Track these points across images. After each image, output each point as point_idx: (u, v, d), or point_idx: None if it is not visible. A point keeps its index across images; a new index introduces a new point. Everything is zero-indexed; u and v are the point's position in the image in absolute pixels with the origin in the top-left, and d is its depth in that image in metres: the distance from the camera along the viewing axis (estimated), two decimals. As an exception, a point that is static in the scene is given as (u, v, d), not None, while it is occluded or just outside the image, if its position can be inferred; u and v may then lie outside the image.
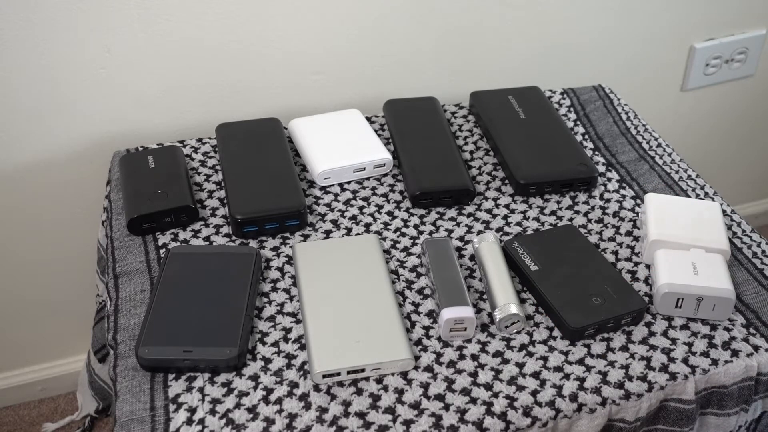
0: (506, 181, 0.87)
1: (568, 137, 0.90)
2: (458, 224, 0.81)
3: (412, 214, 0.82)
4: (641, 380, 0.65)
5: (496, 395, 0.63)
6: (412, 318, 0.70)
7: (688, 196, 0.85)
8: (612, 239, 0.79)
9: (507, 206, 0.83)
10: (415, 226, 0.80)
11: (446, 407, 0.62)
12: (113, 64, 0.94)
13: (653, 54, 1.23)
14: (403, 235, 0.79)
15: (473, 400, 0.63)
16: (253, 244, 0.78)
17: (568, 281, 0.71)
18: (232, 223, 0.78)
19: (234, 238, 0.78)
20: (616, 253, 0.78)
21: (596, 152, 0.92)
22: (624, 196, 0.85)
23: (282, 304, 0.71)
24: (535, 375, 0.65)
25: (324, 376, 0.63)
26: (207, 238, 0.78)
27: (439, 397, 0.63)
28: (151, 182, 0.82)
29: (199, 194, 0.84)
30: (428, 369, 0.65)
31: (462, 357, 0.66)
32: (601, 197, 0.85)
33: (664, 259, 0.72)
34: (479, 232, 0.80)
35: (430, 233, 0.80)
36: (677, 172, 0.89)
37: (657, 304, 0.70)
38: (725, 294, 0.68)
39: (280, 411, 0.62)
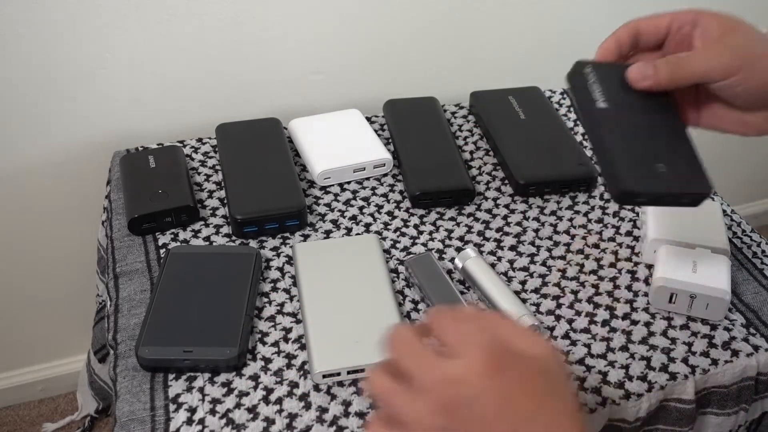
0: (506, 181, 0.87)
1: (568, 137, 0.90)
2: (458, 224, 0.81)
3: (412, 214, 0.82)
4: (641, 380, 0.65)
5: (496, 395, 0.63)
6: (412, 317, 0.70)
7: (688, 196, 0.85)
8: (612, 239, 0.79)
9: (507, 206, 0.83)
10: (415, 226, 0.80)
11: (446, 407, 0.62)
12: (113, 64, 0.94)
13: (653, 54, 1.23)
14: (403, 235, 0.79)
15: (473, 400, 0.63)
16: (253, 244, 0.78)
17: (637, 133, 0.57)
18: (232, 223, 0.78)
19: (234, 238, 0.78)
20: (616, 253, 0.78)
21: (596, 152, 0.92)
22: (624, 196, 0.85)
23: (282, 304, 0.71)
24: (535, 375, 0.65)
25: (324, 376, 0.63)
26: (207, 238, 0.78)
27: (439, 397, 0.63)
28: (151, 182, 0.82)
29: (199, 194, 0.84)
30: (428, 369, 0.65)
31: (462, 357, 0.66)
32: (601, 197, 0.85)
33: (665, 255, 0.72)
34: (459, 249, 0.77)
35: (430, 233, 0.79)
36: (677, 172, 0.89)
37: (651, 297, 0.71)
38: (718, 294, 0.68)
39: (280, 411, 0.62)
